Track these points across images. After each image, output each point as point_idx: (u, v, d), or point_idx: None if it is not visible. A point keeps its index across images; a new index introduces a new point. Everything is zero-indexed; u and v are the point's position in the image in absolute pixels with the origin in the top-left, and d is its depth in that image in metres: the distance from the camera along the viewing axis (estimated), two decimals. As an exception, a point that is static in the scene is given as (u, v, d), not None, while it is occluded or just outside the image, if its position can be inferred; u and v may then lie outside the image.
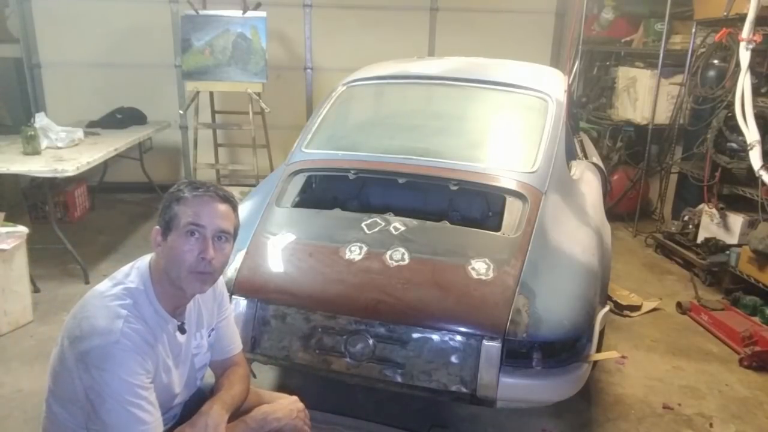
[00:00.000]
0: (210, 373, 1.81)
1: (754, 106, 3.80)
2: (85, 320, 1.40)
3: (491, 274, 2.19)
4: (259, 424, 1.66)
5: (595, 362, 2.41)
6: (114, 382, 1.35)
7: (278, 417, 1.70)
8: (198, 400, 1.72)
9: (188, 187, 1.50)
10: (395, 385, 2.13)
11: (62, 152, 4.11)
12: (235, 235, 1.58)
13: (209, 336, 1.73)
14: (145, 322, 1.44)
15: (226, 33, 5.12)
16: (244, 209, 2.75)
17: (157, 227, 1.51)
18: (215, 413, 1.56)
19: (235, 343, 1.83)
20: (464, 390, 2.07)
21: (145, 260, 1.55)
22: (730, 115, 4.10)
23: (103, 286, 1.49)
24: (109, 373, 1.35)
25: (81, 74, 6.03)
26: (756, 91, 3.88)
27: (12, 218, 3.77)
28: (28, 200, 5.03)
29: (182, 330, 1.58)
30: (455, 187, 2.65)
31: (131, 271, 1.52)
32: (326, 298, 2.20)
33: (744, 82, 3.82)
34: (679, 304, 3.85)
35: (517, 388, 2.07)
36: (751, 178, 3.89)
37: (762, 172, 3.68)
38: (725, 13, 4.14)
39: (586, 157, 3.72)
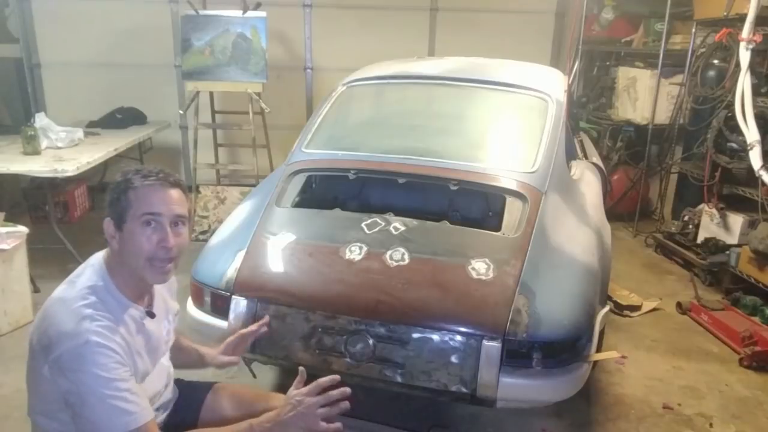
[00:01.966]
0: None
1: (754, 106, 3.80)
2: (51, 327, 1.39)
3: (491, 274, 2.19)
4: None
5: (595, 362, 2.41)
6: (91, 380, 1.35)
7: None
8: (187, 392, 1.80)
9: (137, 176, 1.47)
10: (395, 385, 2.13)
11: (62, 152, 4.11)
12: (190, 218, 1.58)
13: (174, 321, 1.75)
14: (111, 315, 1.43)
15: (226, 33, 5.11)
16: (244, 209, 2.75)
17: (109, 219, 1.47)
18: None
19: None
20: (464, 390, 2.07)
21: (97, 257, 1.53)
22: (730, 115, 4.10)
23: (61, 291, 1.46)
24: (85, 372, 1.35)
25: (81, 74, 6.02)
26: (756, 91, 3.88)
27: (12, 218, 3.77)
28: (28, 200, 5.03)
29: (151, 315, 1.57)
30: (455, 187, 2.65)
31: (85, 270, 1.50)
32: (326, 298, 2.20)
33: (744, 82, 3.82)
34: (679, 304, 3.85)
35: (517, 388, 2.07)
36: (751, 178, 3.89)
37: (762, 172, 3.68)
38: (725, 13, 4.14)
39: (586, 157, 3.72)
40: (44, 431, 1.50)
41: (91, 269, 1.49)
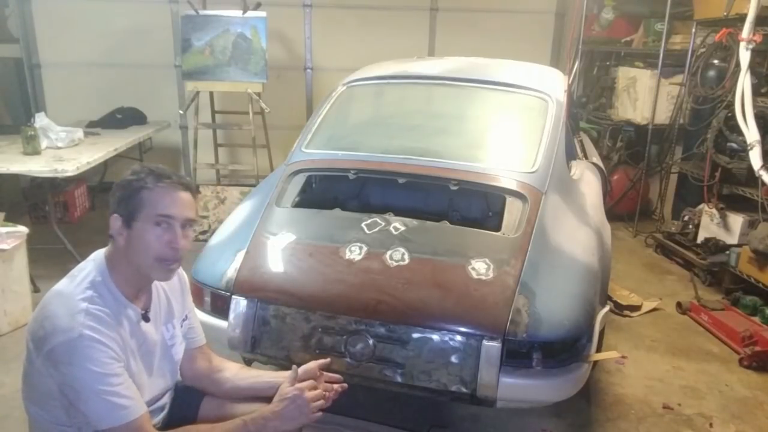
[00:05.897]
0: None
1: (754, 106, 3.80)
2: (47, 320, 1.41)
3: (491, 274, 2.19)
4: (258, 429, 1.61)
5: (595, 362, 2.41)
6: (84, 375, 1.37)
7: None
8: (185, 392, 1.77)
9: (151, 176, 1.50)
10: (395, 385, 2.13)
11: (62, 152, 4.11)
12: (196, 220, 1.63)
13: (182, 326, 1.75)
14: (107, 311, 1.44)
15: (226, 33, 5.11)
16: (244, 209, 2.75)
17: (117, 215, 1.49)
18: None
19: (202, 332, 1.86)
20: (464, 390, 2.07)
21: (99, 253, 1.56)
22: (730, 115, 4.10)
23: (62, 284, 1.49)
24: (77, 367, 1.36)
25: (81, 74, 6.03)
26: (756, 91, 3.88)
27: (12, 218, 3.77)
28: (28, 200, 5.02)
29: (146, 318, 1.58)
30: (455, 187, 2.65)
31: (87, 265, 1.52)
32: (326, 298, 2.20)
33: (744, 82, 3.82)
34: (679, 304, 3.85)
35: (517, 388, 2.07)
36: (751, 178, 3.89)
37: (762, 172, 3.68)
38: (725, 13, 4.14)
39: (586, 157, 3.72)
40: (35, 420, 1.52)
41: (92, 264, 1.52)
